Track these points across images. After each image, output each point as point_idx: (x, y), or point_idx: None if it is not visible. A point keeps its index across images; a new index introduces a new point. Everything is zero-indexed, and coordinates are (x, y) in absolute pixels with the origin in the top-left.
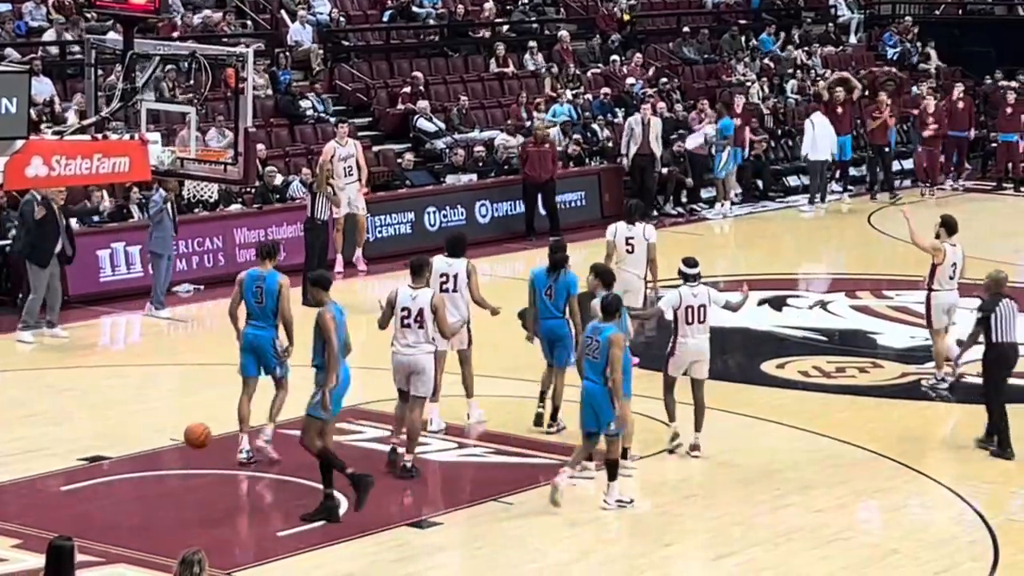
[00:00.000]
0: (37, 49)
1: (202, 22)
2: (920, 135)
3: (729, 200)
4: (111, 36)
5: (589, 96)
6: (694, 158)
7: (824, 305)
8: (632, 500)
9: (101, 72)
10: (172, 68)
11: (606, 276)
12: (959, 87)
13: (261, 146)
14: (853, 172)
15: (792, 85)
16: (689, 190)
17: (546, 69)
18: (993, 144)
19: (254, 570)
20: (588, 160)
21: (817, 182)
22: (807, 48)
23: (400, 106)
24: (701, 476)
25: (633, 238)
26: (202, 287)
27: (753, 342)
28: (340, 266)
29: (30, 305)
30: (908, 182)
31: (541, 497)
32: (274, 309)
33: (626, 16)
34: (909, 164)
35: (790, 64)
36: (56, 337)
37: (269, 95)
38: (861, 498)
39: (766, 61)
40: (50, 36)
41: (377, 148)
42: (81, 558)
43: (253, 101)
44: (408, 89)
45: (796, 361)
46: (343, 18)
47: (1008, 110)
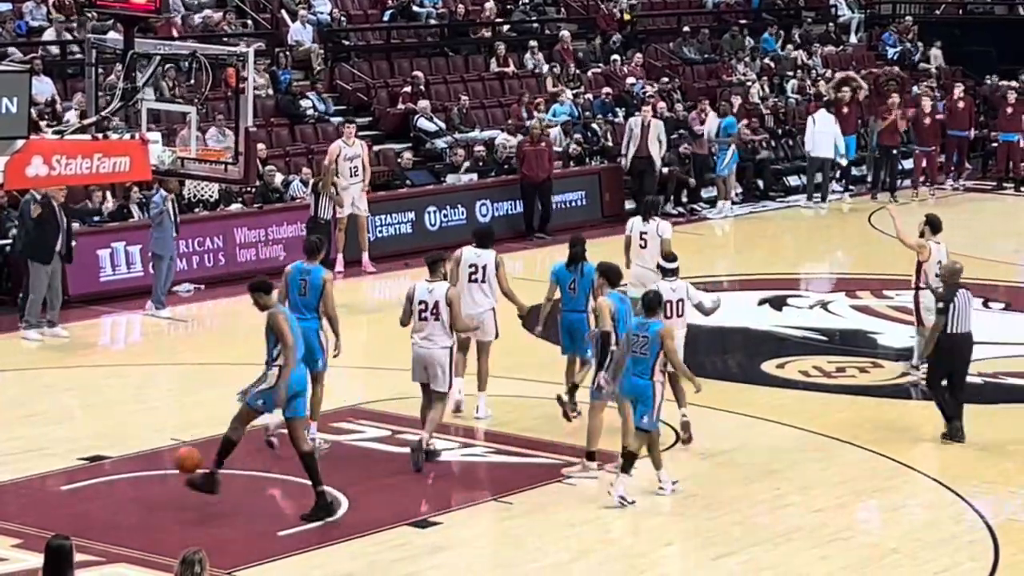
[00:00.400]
0: (38, 49)
1: (202, 22)
2: (918, 135)
3: (730, 199)
4: (111, 36)
5: (590, 96)
6: (696, 158)
7: (824, 305)
8: (634, 501)
9: (102, 71)
10: (172, 67)
11: (611, 275)
12: (959, 87)
13: (261, 146)
14: (854, 172)
15: (792, 85)
16: (690, 190)
17: (548, 68)
18: (994, 144)
19: (254, 570)
20: (589, 160)
21: (815, 179)
22: (807, 48)
23: (400, 106)
24: (701, 476)
25: (647, 233)
26: (202, 287)
27: (753, 342)
28: (340, 266)
29: (31, 305)
30: (907, 182)
31: (541, 496)
32: (317, 303)
33: (627, 16)
34: (909, 164)
35: (790, 64)
36: (57, 336)
37: (270, 95)
38: (861, 498)
39: (766, 61)
40: (50, 36)
41: (377, 148)
42: (81, 557)
43: (254, 101)
44: (408, 89)
45: (796, 361)
46: (344, 18)
47: (1009, 110)
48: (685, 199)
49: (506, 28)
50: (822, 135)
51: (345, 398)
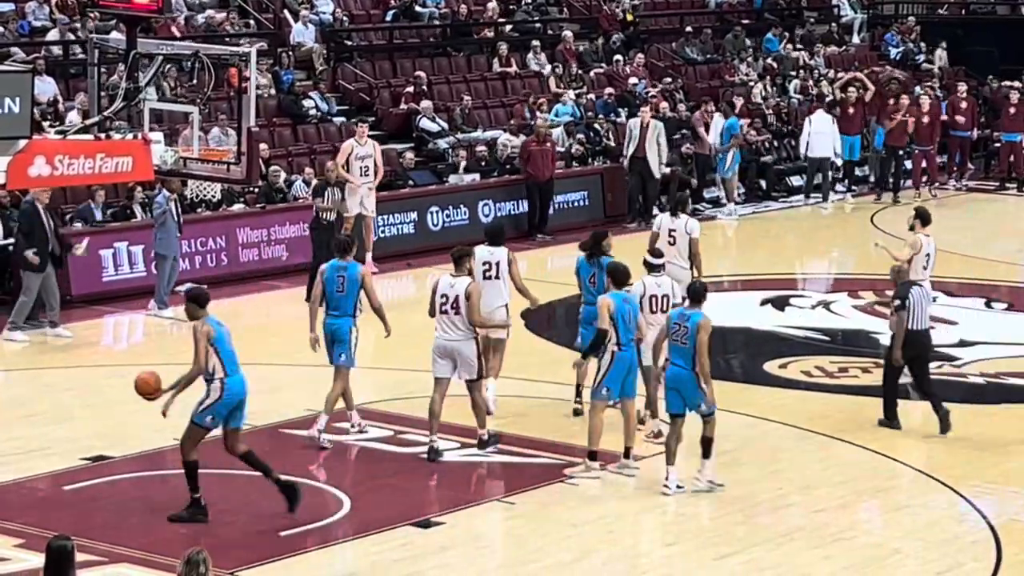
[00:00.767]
0: (40, 49)
1: (205, 22)
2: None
3: (733, 200)
4: (114, 35)
5: (592, 96)
6: (698, 158)
7: (827, 305)
8: (723, 484)
9: (104, 71)
10: (174, 67)
11: (617, 275)
12: (962, 86)
13: (264, 146)
14: (856, 172)
15: (795, 85)
16: (692, 190)
17: (550, 69)
18: (996, 144)
19: (257, 570)
20: (591, 160)
21: (813, 179)
22: (810, 48)
23: (403, 106)
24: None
25: (675, 230)
26: (205, 287)
27: (755, 342)
28: None
29: (19, 307)
30: (908, 183)
31: (544, 496)
32: (355, 299)
33: (629, 16)
34: (908, 164)
35: (791, 64)
36: (60, 337)
37: (272, 95)
38: (863, 498)
39: (769, 61)
40: (53, 36)
41: (380, 148)
42: (83, 557)
43: (256, 101)
44: (411, 89)
45: (799, 361)
46: (346, 18)
47: (1011, 110)
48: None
49: (508, 28)
50: (819, 136)
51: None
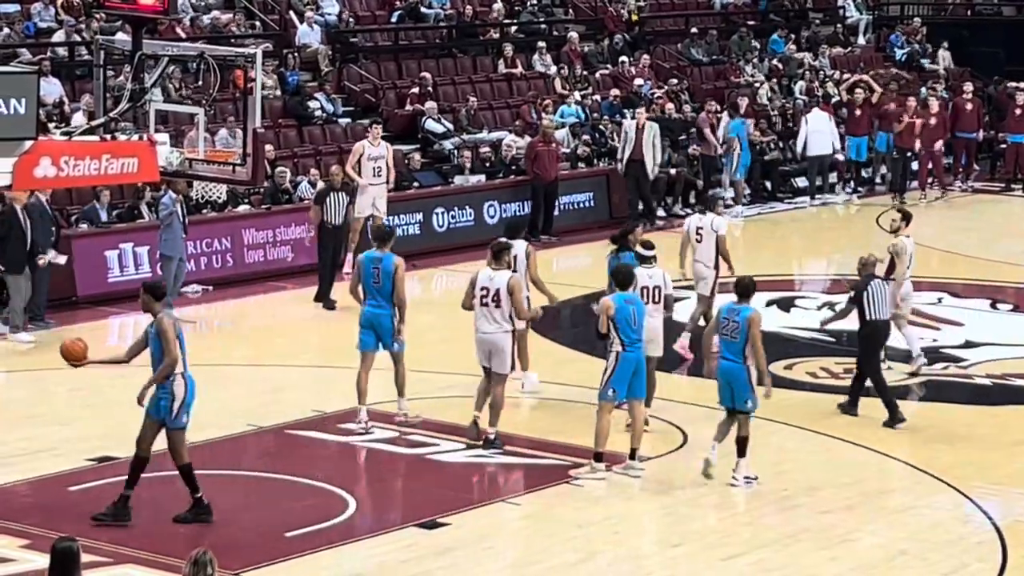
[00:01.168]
0: (46, 50)
1: (211, 23)
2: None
3: (741, 202)
4: (120, 37)
5: (597, 97)
6: (704, 159)
7: (832, 306)
8: (757, 477)
9: (110, 73)
10: (179, 69)
11: (619, 277)
12: (968, 87)
13: (270, 147)
14: (863, 173)
15: (800, 86)
16: (698, 191)
17: (556, 70)
18: (1002, 145)
19: (262, 571)
20: (596, 161)
21: (815, 179)
22: (815, 50)
23: (408, 107)
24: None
25: (702, 228)
26: (210, 288)
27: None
28: (349, 266)
29: (13, 309)
30: (915, 183)
31: (549, 497)
32: (391, 289)
33: (634, 16)
34: (914, 166)
35: (796, 63)
36: (20, 343)
37: (277, 96)
38: (869, 499)
39: (774, 62)
40: (59, 37)
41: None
42: (89, 558)
43: (261, 102)
44: (416, 90)
45: (804, 362)
46: (351, 19)
47: (1017, 111)
48: (693, 200)
49: (514, 29)
50: (816, 134)
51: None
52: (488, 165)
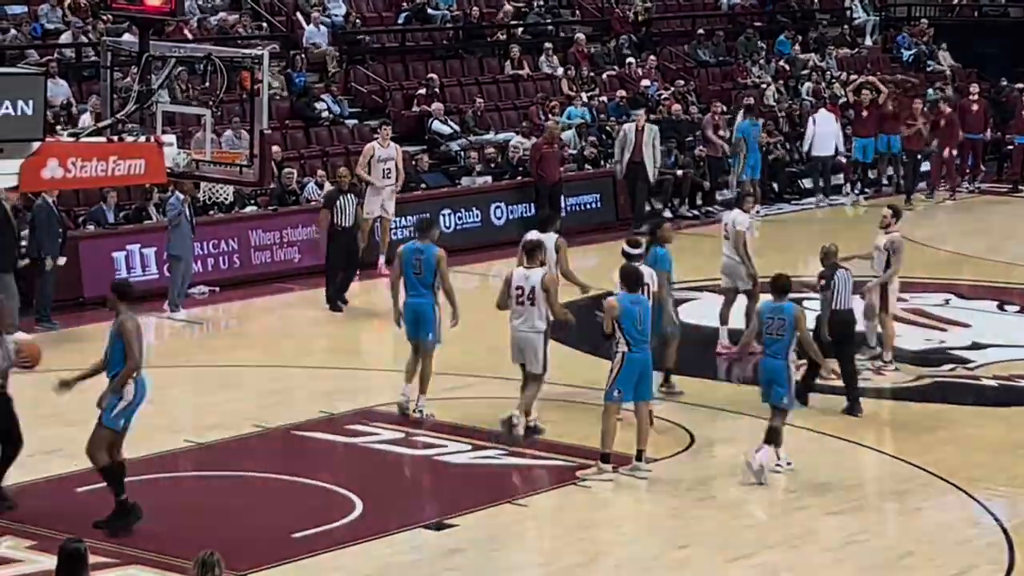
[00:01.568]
0: (53, 51)
1: (218, 24)
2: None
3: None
4: (127, 38)
5: (604, 98)
6: (711, 161)
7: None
8: (790, 463)
9: (117, 74)
10: (186, 70)
11: (625, 278)
12: (975, 87)
13: (277, 148)
14: (870, 174)
15: (807, 88)
16: (704, 193)
17: (563, 71)
18: (1009, 147)
19: (268, 572)
20: (603, 162)
21: (819, 179)
22: (822, 51)
23: (415, 108)
24: (715, 478)
25: (728, 224)
26: (217, 289)
27: None
28: (382, 268)
29: (4, 310)
30: (923, 184)
31: (556, 499)
32: (432, 280)
33: (641, 18)
34: (925, 167)
35: (802, 64)
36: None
37: (284, 97)
38: (876, 500)
39: (781, 63)
40: (66, 38)
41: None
42: (95, 559)
43: (268, 103)
44: (423, 91)
45: None
46: (358, 20)
47: None
48: (700, 202)
49: (521, 30)
50: (822, 135)
51: (360, 400)
52: (494, 166)
